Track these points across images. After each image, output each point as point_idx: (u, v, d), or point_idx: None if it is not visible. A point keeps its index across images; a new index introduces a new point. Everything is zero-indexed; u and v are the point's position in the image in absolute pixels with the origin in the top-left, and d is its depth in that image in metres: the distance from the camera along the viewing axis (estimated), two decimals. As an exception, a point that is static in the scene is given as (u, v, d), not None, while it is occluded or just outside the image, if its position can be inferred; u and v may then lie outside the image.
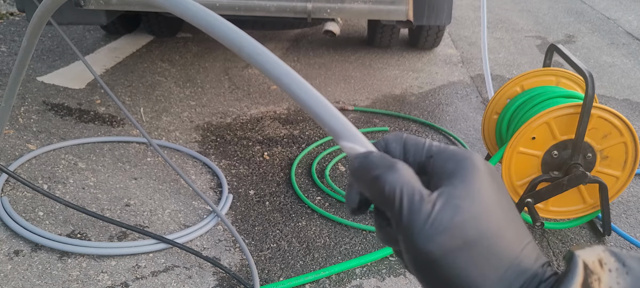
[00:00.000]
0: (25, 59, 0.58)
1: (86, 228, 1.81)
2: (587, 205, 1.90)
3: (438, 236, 0.31)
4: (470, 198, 0.32)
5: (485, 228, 0.32)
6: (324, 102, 0.36)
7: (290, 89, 0.37)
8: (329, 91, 3.19)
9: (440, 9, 2.85)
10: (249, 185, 2.18)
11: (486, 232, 0.32)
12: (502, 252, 0.32)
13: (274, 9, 2.39)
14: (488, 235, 0.32)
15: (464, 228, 0.32)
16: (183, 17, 0.40)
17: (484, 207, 0.32)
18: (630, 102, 3.34)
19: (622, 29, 5.07)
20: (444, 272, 0.32)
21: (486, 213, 0.32)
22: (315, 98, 0.36)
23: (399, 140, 0.37)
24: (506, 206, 0.34)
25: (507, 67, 3.87)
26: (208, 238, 1.85)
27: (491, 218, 0.33)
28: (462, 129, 2.81)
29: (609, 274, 0.31)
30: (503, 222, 0.33)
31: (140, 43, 3.71)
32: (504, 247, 0.32)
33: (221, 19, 0.39)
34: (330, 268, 1.71)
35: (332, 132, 0.36)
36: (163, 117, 2.70)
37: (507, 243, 0.33)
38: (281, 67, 0.37)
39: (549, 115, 1.73)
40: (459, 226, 0.32)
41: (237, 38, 0.38)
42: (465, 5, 5.56)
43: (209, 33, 0.39)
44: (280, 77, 0.37)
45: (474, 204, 0.32)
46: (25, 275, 1.60)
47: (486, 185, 0.33)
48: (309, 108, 0.36)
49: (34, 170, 2.12)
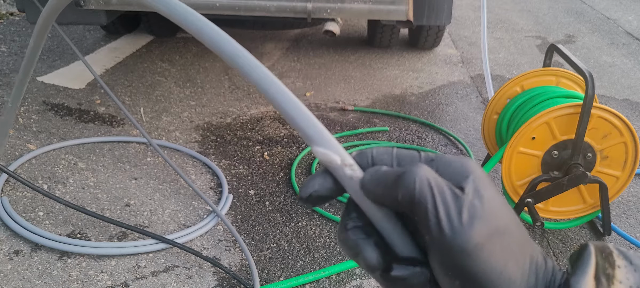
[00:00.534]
0: (32, 60, 0.58)
1: (86, 228, 1.81)
2: (587, 205, 1.89)
3: (477, 223, 0.31)
4: (483, 196, 0.32)
5: (510, 218, 0.33)
6: (300, 105, 0.35)
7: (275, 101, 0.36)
8: (329, 91, 3.19)
9: (440, 9, 2.85)
10: (249, 185, 2.18)
11: (511, 221, 0.33)
12: (526, 244, 0.33)
13: (274, 9, 2.39)
14: (514, 224, 0.33)
15: (496, 216, 0.32)
16: (174, 20, 0.40)
17: (499, 204, 0.33)
18: (630, 102, 3.34)
19: (622, 29, 5.07)
20: (485, 262, 0.31)
21: (503, 209, 0.33)
22: (292, 103, 0.35)
23: (389, 152, 0.36)
24: (512, 210, 0.35)
25: (507, 67, 3.87)
26: (208, 238, 1.85)
27: (508, 214, 0.33)
28: (462, 129, 2.81)
29: (618, 269, 0.32)
30: (517, 220, 0.34)
31: (140, 43, 3.71)
32: (524, 240, 0.33)
33: (204, 19, 0.38)
34: (330, 268, 1.71)
35: (306, 136, 0.35)
36: (163, 117, 2.70)
37: (527, 237, 0.34)
38: (264, 73, 0.36)
39: (549, 115, 1.73)
40: (492, 213, 0.32)
41: (217, 38, 0.37)
42: (465, 5, 5.56)
43: (196, 36, 0.38)
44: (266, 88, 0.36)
45: (494, 195, 0.33)
46: (25, 275, 1.60)
47: (492, 187, 0.34)
48: (285, 113, 0.35)
49: (34, 170, 2.12)
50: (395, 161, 0.36)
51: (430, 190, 0.31)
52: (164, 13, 0.40)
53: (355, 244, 0.35)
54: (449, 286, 0.33)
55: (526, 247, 0.33)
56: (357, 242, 0.34)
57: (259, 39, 4.09)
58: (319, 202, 0.36)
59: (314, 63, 3.65)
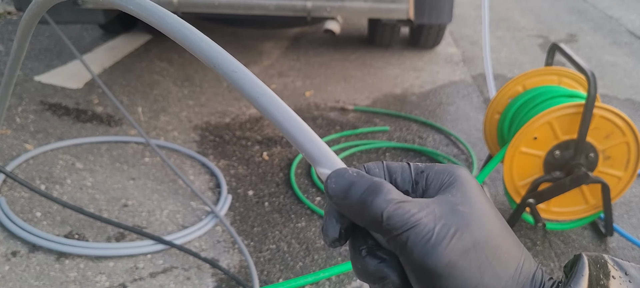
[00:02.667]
0: (17, 61, 0.56)
1: (84, 229, 1.79)
2: (589, 206, 1.88)
3: (446, 241, 0.31)
4: (470, 203, 0.33)
5: (490, 230, 0.32)
6: (303, 126, 0.34)
7: (269, 113, 0.35)
8: (329, 90, 3.17)
9: (441, 8, 2.84)
10: (248, 186, 2.16)
11: (491, 234, 0.32)
12: (509, 254, 0.33)
13: (274, 7, 2.38)
14: (493, 237, 0.32)
15: (471, 231, 0.31)
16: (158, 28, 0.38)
17: (484, 212, 0.33)
18: (633, 101, 3.32)
19: (624, 28, 5.05)
20: (458, 278, 0.31)
21: (487, 217, 0.33)
22: (293, 121, 0.34)
23: (380, 166, 0.36)
24: (500, 217, 0.34)
25: (509, 66, 3.86)
26: (207, 239, 1.83)
27: (492, 222, 0.33)
28: (463, 128, 2.79)
29: (612, 281, 0.32)
30: (503, 228, 0.33)
31: (139, 42, 3.70)
32: (507, 249, 0.33)
33: (202, 36, 0.37)
34: (330, 269, 1.70)
35: (310, 157, 0.35)
36: (161, 116, 2.68)
37: (510, 246, 0.33)
38: (260, 86, 0.35)
39: (551, 114, 1.71)
40: (465, 228, 0.31)
41: (214, 54, 0.36)
42: (467, 4, 5.54)
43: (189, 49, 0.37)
44: (257, 98, 0.35)
45: (474, 209, 0.33)
46: (22, 276, 1.59)
47: (481, 195, 0.34)
48: (288, 134, 0.35)
49: (31, 170, 2.11)
50: (386, 173, 0.36)
51: (396, 213, 0.31)
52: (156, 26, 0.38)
53: (378, 270, 0.34)
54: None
55: (509, 256, 0.32)
56: (379, 267, 0.34)
57: (259, 37, 4.07)
58: (349, 232, 0.35)
59: (313, 62, 3.63)
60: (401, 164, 0.36)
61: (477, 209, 0.33)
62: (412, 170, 0.36)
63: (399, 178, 0.36)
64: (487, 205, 0.34)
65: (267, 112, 0.35)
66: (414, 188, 0.35)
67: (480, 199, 0.33)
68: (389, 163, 0.37)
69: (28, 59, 3.25)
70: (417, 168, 0.36)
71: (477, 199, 0.33)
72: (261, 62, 3.57)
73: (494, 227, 0.33)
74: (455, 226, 0.31)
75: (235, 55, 0.37)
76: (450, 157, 2.49)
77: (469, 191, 0.33)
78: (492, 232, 0.32)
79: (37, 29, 3.80)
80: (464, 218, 0.32)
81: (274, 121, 0.35)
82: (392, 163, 0.37)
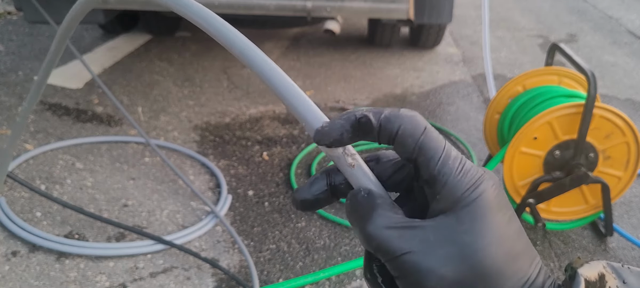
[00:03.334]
0: (53, 62, 0.57)
1: (84, 229, 1.79)
2: (589, 206, 1.88)
3: (437, 272, 0.30)
4: (476, 231, 0.31)
5: (493, 260, 0.31)
6: (299, 92, 0.35)
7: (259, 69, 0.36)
8: (329, 90, 3.17)
9: (441, 8, 2.83)
10: (248, 186, 2.16)
11: (494, 264, 0.31)
12: (512, 279, 0.31)
13: (274, 7, 2.38)
14: (495, 267, 0.31)
15: (468, 263, 0.30)
16: (182, 14, 0.40)
17: (491, 240, 0.31)
18: (633, 101, 3.32)
19: (624, 28, 5.05)
20: None
21: (492, 246, 0.31)
22: (292, 89, 0.35)
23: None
24: (515, 232, 0.32)
25: (509, 66, 3.85)
26: (207, 239, 1.83)
27: (497, 250, 0.31)
28: (463, 128, 2.79)
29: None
30: (510, 251, 0.32)
31: (139, 42, 3.70)
32: (512, 273, 0.31)
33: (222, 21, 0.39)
34: (330, 269, 1.70)
35: (306, 124, 0.35)
36: (161, 116, 2.68)
37: (516, 270, 0.31)
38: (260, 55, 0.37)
39: (551, 114, 1.71)
40: (460, 261, 0.30)
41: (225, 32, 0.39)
42: (467, 4, 5.54)
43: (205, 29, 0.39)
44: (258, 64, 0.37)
45: (479, 237, 0.31)
46: (22, 276, 1.59)
47: (497, 214, 0.32)
48: (283, 97, 0.35)
49: (31, 170, 2.11)
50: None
51: (386, 241, 0.32)
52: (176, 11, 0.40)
53: None
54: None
55: (512, 282, 0.31)
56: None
57: (259, 37, 4.07)
58: (312, 205, 0.36)
59: (313, 62, 3.63)
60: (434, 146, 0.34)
61: (483, 237, 0.31)
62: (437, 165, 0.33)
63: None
64: (498, 228, 0.31)
65: (259, 71, 0.36)
66: (431, 183, 0.33)
67: (492, 222, 0.31)
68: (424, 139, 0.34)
69: (28, 59, 3.25)
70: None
71: (488, 224, 0.31)
72: (261, 62, 3.57)
73: (499, 255, 0.31)
74: (450, 257, 0.30)
75: (236, 56, 0.38)
76: (461, 139, 2.51)
77: (483, 214, 0.31)
78: (495, 262, 0.31)
79: (36, 29, 3.80)
80: (462, 248, 0.30)
81: (265, 81, 0.36)
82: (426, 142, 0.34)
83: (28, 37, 3.67)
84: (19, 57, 3.27)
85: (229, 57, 3.51)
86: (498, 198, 0.32)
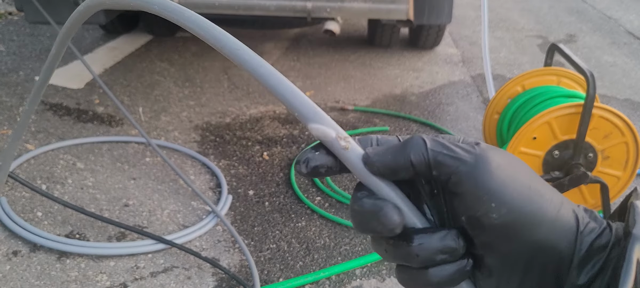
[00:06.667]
0: (53, 65, 0.58)
1: (85, 229, 1.80)
2: (588, 206, 1.88)
3: (493, 151, 0.33)
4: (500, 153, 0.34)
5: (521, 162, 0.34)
6: (291, 85, 0.36)
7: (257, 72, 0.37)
8: (329, 91, 3.18)
9: (441, 8, 2.84)
10: (249, 186, 2.17)
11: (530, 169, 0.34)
12: (548, 197, 0.33)
13: (274, 8, 2.38)
14: (532, 171, 0.34)
15: (504, 154, 0.34)
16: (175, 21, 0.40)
17: (515, 159, 0.34)
18: (632, 101, 3.33)
19: (623, 28, 5.06)
20: (508, 177, 0.32)
21: (518, 162, 0.34)
22: (284, 83, 0.37)
23: (393, 138, 0.37)
24: (528, 174, 0.35)
25: (508, 66, 3.86)
26: (207, 239, 1.84)
27: (525, 166, 0.35)
28: (462, 128, 2.80)
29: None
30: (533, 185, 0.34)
31: (139, 42, 3.70)
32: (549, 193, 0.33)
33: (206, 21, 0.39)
34: (330, 269, 1.70)
35: (299, 114, 0.36)
36: (162, 116, 2.69)
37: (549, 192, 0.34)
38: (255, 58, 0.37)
39: (550, 115, 1.72)
40: (501, 153, 0.33)
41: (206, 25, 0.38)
42: (466, 5, 5.54)
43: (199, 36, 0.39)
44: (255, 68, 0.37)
45: (505, 155, 0.34)
46: (23, 275, 1.59)
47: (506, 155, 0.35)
48: (276, 92, 0.37)
49: (32, 170, 2.11)
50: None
51: (440, 143, 0.33)
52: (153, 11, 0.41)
53: (373, 205, 0.33)
54: (487, 221, 0.32)
55: (554, 199, 0.34)
56: (376, 202, 0.33)
57: (259, 38, 4.08)
58: (315, 169, 0.35)
59: (313, 62, 3.64)
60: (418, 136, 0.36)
61: (508, 156, 0.34)
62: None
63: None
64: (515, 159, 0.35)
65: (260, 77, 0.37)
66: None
67: (507, 156, 0.35)
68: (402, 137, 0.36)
69: (29, 59, 3.26)
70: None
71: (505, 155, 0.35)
72: (261, 63, 3.58)
73: (529, 172, 0.34)
74: (493, 149, 0.33)
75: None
76: None
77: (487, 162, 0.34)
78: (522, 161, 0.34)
79: (37, 29, 3.81)
80: (496, 149, 0.34)
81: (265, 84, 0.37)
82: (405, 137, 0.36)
83: (29, 37, 3.67)
84: (20, 58, 3.28)
85: (229, 57, 3.51)
86: (498, 153, 0.35)
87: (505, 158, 0.33)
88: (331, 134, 0.35)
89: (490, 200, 0.31)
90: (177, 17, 0.40)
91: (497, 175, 0.32)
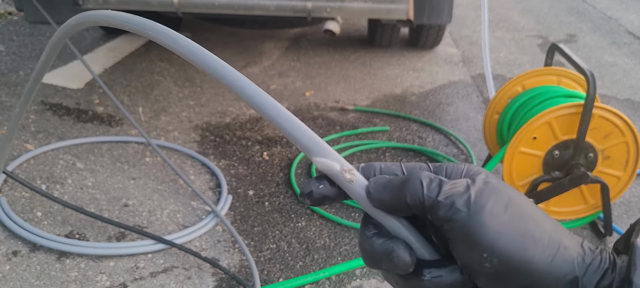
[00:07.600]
0: (43, 71, 0.58)
1: (84, 229, 1.80)
2: (588, 206, 1.88)
3: (488, 198, 0.32)
4: (499, 181, 0.34)
5: (525, 199, 0.34)
6: (294, 119, 0.36)
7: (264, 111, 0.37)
8: (329, 91, 3.18)
9: (441, 8, 2.84)
10: (248, 186, 2.17)
11: (522, 197, 0.34)
12: (547, 218, 0.34)
13: (274, 8, 2.38)
14: (525, 201, 0.34)
15: (509, 191, 0.33)
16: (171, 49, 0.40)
17: (517, 192, 0.34)
18: (632, 101, 3.33)
19: (623, 28, 5.06)
20: (504, 227, 0.32)
21: (520, 194, 0.34)
22: (287, 118, 0.37)
23: (397, 165, 0.37)
24: (523, 216, 0.35)
25: (508, 66, 3.86)
26: (207, 239, 1.84)
27: (526, 200, 0.34)
28: (463, 128, 2.80)
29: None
30: (528, 231, 0.33)
31: (139, 42, 3.70)
32: (547, 218, 0.34)
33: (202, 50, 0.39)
34: (330, 269, 1.70)
35: (304, 148, 0.36)
36: (162, 116, 2.69)
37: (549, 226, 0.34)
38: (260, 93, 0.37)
39: (550, 114, 1.71)
40: (502, 190, 0.33)
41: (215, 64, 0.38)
42: (466, 4, 5.54)
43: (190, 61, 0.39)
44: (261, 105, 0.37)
45: (507, 185, 0.34)
46: (23, 275, 1.59)
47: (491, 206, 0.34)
48: (281, 127, 0.37)
49: (32, 170, 2.11)
50: (405, 170, 0.37)
51: (437, 186, 0.33)
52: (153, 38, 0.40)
53: (384, 247, 0.34)
54: (480, 269, 0.33)
55: (546, 219, 0.34)
56: (386, 243, 0.34)
57: (259, 38, 4.08)
58: (319, 201, 0.36)
59: (313, 62, 3.64)
60: (419, 164, 0.37)
61: (503, 184, 0.34)
62: (430, 167, 0.37)
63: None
64: (515, 191, 0.35)
65: (265, 112, 0.37)
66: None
67: (504, 184, 0.35)
68: (407, 163, 0.38)
69: (29, 59, 3.26)
70: (435, 165, 0.37)
71: (500, 182, 0.35)
72: (261, 63, 3.58)
73: (526, 200, 0.34)
74: (490, 189, 0.33)
75: (236, 56, 0.39)
76: (449, 157, 2.50)
77: (491, 177, 0.35)
78: (522, 197, 0.34)
79: (37, 29, 3.81)
80: (495, 185, 0.33)
81: (273, 121, 0.37)
82: (410, 163, 0.38)
83: (29, 37, 3.67)
84: (20, 58, 3.28)
85: (229, 57, 3.52)
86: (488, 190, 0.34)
87: (501, 201, 0.32)
88: (336, 167, 0.35)
89: (482, 251, 0.32)
90: (174, 45, 0.40)
91: (490, 226, 0.32)
